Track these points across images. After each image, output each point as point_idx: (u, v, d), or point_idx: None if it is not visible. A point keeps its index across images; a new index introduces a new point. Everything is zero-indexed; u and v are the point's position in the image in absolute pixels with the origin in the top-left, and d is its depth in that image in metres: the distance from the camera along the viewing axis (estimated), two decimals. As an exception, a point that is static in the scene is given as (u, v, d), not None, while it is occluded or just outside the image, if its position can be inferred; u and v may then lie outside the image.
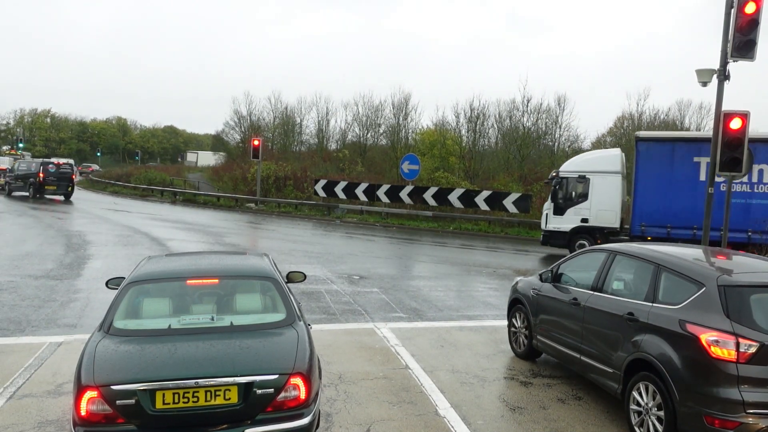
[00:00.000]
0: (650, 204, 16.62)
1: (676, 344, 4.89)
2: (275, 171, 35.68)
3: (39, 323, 8.13)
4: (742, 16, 10.41)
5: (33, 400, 5.53)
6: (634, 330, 5.33)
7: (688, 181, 16.12)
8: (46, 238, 16.37)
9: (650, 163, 16.65)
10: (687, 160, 16.26)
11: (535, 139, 41.28)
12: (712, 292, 4.84)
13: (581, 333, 6.13)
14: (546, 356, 7.14)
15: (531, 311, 7.20)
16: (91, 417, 3.83)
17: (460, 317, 9.33)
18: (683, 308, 4.99)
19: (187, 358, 4.13)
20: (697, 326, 4.75)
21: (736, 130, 10.60)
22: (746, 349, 4.52)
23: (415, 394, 5.98)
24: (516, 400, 5.97)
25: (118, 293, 4.87)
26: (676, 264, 5.37)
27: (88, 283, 10.76)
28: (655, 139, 17.47)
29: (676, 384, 4.78)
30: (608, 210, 17.53)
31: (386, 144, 46.31)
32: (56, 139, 75.30)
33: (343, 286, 11.45)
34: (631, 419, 5.28)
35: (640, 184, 16.75)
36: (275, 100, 53.05)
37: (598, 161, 18.39)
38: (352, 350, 7.37)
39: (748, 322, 4.62)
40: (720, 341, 4.59)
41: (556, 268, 6.98)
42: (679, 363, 4.81)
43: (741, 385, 4.50)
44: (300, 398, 4.11)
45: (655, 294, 5.37)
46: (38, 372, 6.24)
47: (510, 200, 24.45)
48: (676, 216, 16.23)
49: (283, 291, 5.04)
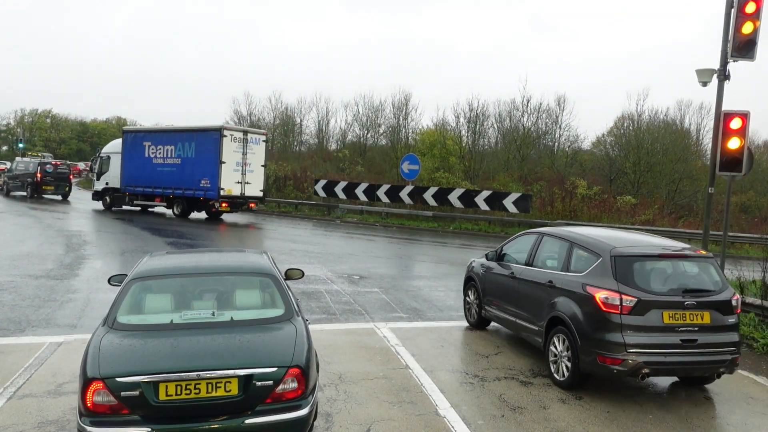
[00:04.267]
0: (128, 171, 26.00)
1: (579, 303, 6.27)
2: (275, 171, 35.66)
3: (39, 323, 8.12)
4: (742, 16, 10.40)
5: (33, 400, 5.52)
6: (552, 294, 6.70)
7: (141, 157, 25.38)
8: (46, 238, 16.37)
9: (127, 146, 26.15)
10: (140, 144, 25.51)
11: (535, 139, 41.29)
12: (607, 261, 6.20)
13: (516, 300, 7.50)
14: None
15: (480, 286, 8.54)
16: (96, 408, 3.95)
17: (461, 317, 9.32)
18: (586, 275, 6.36)
19: (189, 352, 4.26)
20: (594, 287, 6.13)
21: (736, 130, 10.60)
22: (628, 304, 5.90)
23: (415, 394, 5.98)
24: (516, 399, 5.97)
25: (121, 289, 4.97)
26: (584, 241, 6.75)
27: (88, 283, 10.76)
28: (129, 131, 27.49)
29: (579, 333, 6.16)
30: (117, 176, 26.66)
31: (386, 144, 46.31)
32: (56, 139, 75.29)
33: (343, 285, 11.45)
34: (550, 366, 6.61)
35: (125, 160, 26.16)
36: (275, 100, 53.17)
37: (114, 146, 27.78)
38: (353, 350, 7.37)
39: (630, 283, 6.00)
40: (609, 298, 5.97)
41: (500, 249, 8.32)
42: (581, 317, 6.20)
43: (623, 331, 5.89)
44: (298, 390, 4.24)
45: (568, 265, 6.74)
46: (38, 372, 6.24)
47: (510, 200, 24.44)
48: (138, 178, 25.53)
49: (281, 287, 5.17)
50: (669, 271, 6.38)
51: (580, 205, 27.51)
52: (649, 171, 36.79)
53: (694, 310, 5.98)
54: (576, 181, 30.25)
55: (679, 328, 5.93)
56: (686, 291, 6.09)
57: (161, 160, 24.88)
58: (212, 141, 23.38)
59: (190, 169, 24.00)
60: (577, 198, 28.08)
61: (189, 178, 23.96)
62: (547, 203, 28.04)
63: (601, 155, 42.91)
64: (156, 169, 25.03)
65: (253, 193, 24.64)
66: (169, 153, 24.69)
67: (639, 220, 26.28)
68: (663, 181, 36.94)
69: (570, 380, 6.30)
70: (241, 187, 23.97)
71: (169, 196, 24.90)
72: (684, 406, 6.09)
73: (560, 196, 28.22)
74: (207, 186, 23.49)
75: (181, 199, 24.62)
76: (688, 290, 6.11)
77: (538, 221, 25.64)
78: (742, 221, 27.86)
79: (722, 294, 6.19)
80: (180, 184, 24.30)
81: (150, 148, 25.20)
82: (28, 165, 33.48)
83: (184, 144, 24.24)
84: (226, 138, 23.25)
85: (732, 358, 6.09)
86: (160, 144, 25.01)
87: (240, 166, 23.84)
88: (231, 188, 23.54)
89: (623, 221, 25.94)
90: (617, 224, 25.00)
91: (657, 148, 37.47)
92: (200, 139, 23.89)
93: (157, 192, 25.01)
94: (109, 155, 27.58)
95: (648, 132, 39.29)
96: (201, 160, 23.75)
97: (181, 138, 24.47)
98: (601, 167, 40.46)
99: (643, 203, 29.94)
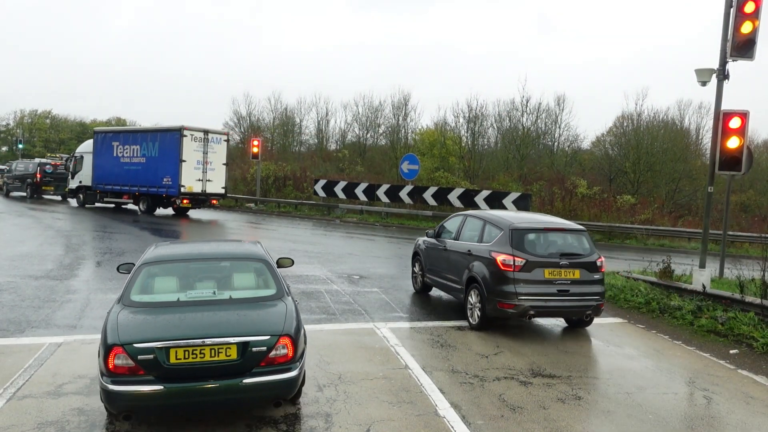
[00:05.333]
0: (98, 170, 27.19)
1: (487, 265, 8.38)
2: (275, 171, 35.67)
3: (39, 324, 8.12)
4: (741, 15, 10.41)
5: (33, 401, 5.52)
6: (470, 260, 8.82)
7: (110, 156, 26.50)
8: (46, 239, 16.37)
9: (97, 146, 27.22)
10: (109, 144, 26.62)
11: (535, 138, 41.24)
12: (506, 233, 8.33)
13: (447, 267, 9.63)
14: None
15: (423, 259, 10.67)
16: (117, 369, 4.57)
17: (460, 317, 9.32)
18: (492, 244, 8.47)
19: (195, 323, 4.89)
20: (497, 253, 8.23)
21: (736, 129, 10.61)
22: (518, 264, 8.01)
23: (414, 394, 5.98)
24: (516, 399, 5.97)
25: (133, 273, 5.63)
26: (493, 219, 8.86)
27: (88, 284, 10.75)
28: (100, 131, 28.02)
29: (486, 287, 8.27)
30: (89, 175, 27.83)
31: (386, 144, 46.27)
32: (56, 140, 75.19)
33: (343, 285, 11.45)
34: (467, 313, 8.79)
35: (96, 159, 27.31)
36: (275, 101, 53.12)
37: (87, 146, 28.60)
38: (352, 350, 7.38)
39: (521, 249, 8.13)
40: (506, 260, 8.08)
41: (438, 227, 10.37)
42: (488, 275, 8.30)
43: (515, 284, 8.00)
44: (288, 355, 4.87)
45: (481, 238, 8.87)
46: (38, 372, 6.24)
47: (510, 199, 24.39)
48: (108, 177, 26.67)
49: (273, 271, 5.86)
50: (551, 240, 8.51)
51: (579, 205, 27.51)
52: (649, 170, 36.79)
53: (567, 269, 8.14)
54: (576, 181, 30.23)
55: (556, 282, 8.08)
56: (562, 254, 8.24)
57: (128, 159, 26.10)
58: (173, 140, 24.42)
59: (153, 168, 25.10)
60: (577, 197, 28.07)
61: (153, 176, 25.05)
62: (546, 203, 28.02)
63: (600, 155, 42.91)
64: (123, 168, 26.24)
65: (214, 191, 25.69)
66: (135, 152, 25.87)
67: (639, 219, 26.27)
68: (663, 181, 36.93)
69: (480, 323, 8.46)
70: (203, 184, 25.08)
71: (135, 194, 26.05)
72: (683, 405, 6.09)
73: (560, 196, 28.21)
74: (169, 183, 24.57)
75: (146, 196, 25.65)
76: (564, 254, 8.26)
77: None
78: (741, 220, 27.87)
79: (590, 257, 8.33)
80: (145, 182, 25.39)
81: (118, 147, 26.40)
82: (27, 165, 33.50)
83: (149, 144, 25.40)
84: (186, 138, 24.29)
85: (596, 304, 8.27)
86: (127, 144, 26.18)
87: (201, 164, 24.96)
88: (192, 185, 24.64)
89: (623, 220, 25.94)
90: (617, 223, 25.03)
91: (656, 148, 37.46)
92: (163, 139, 25.00)
93: (125, 189, 26.29)
94: (82, 155, 28.81)
95: (647, 131, 39.27)
96: (163, 158, 24.81)
97: (146, 138, 25.67)
98: (601, 167, 40.46)
99: (642, 203, 29.93)
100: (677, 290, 10.63)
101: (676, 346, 8.34)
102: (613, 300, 10.92)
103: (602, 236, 24.09)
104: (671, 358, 7.70)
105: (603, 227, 24.43)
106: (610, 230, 24.31)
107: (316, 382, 6.20)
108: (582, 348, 8.03)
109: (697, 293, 10.09)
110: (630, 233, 24.12)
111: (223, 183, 26.10)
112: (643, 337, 8.74)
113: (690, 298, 10.07)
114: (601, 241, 23.48)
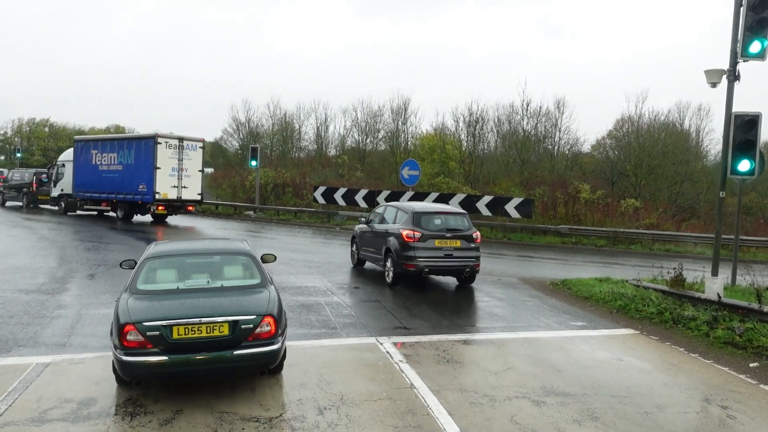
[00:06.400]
0: (78, 177, 27.60)
1: (397, 239, 11.80)
2: (274, 178, 35.38)
3: (26, 342, 7.75)
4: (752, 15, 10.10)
5: (14, 428, 5.17)
6: (387, 236, 12.27)
7: (89, 164, 27.01)
8: (39, 251, 16.02)
9: (77, 154, 27.61)
10: (89, 152, 27.10)
11: (535, 142, 40.89)
12: (410, 216, 11.87)
13: (374, 244, 13.10)
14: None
15: (358, 240, 14.38)
16: (129, 344, 5.46)
17: (466, 330, 8.98)
18: (402, 224, 11.96)
19: (193, 306, 5.80)
20: (404, 229, 11.68)
21: (748, 132, 10.27)
22: (417, 236, 11.46)
23: (421, 417, 5.62)
24: (529, 422, 5.60)
25: (138, 266, 6.59)
26: (404, 207, 12.49)
27: (80, 299, 10.39)
28: (80, 140, 28.31)
29: (395, 254, 11.75)
30: (70, 183, 28.30)
31: (385, 149, 45.93)
32: (54, 148, 74.79)
33: (343, 297, 11.09)
34: (385, 275, 12.33)
35: (76, 167, 27.73)
36: (274, 107, 52.83)
37: (69, 154, 28.99)
38: (354, 368, 7.02)
39: (420, 226, 11.63)
40: (409, 234, 11.51)
41: (370, 216, 13.97)
42: (398, 246, 11.73)
43: (415, 251, 11.44)
44: (271, 332, 5.81)
45: (396, 220, 12.36)
46: (22, 397, 5.89)
47: (512, 205, 23.96)
48: (87, 185, 27.15)
49: (258, 264, 6.87)
50: (442, 220, 11.92)
51: (583, 210, 27.14)
52: (651, 173, 36.47)
53: (452, 239, 11.64)
54: (579, 186, 29.86)
55: (443, 249, 11.56)
56: (449, 230, 11.75)
57: (106, 167, 26.59)
58: (148, 148, 24.87)
59: (130, 175, 25.58)
60: (580, 202, 27.70)
61: (129, 183, 25.56)
62: (549, 207, 27.66)
63: (601, 158, 42.58)
64: (102, 176, 26.66)
65: (190, 197, 25.96)
66: (112, 160, 26.37)
67: (643, 224, 25.88)
68: (665, 184, 36.60)
69: (393, 281, 11.99)
70: (178, 191, 25.35)
71: (113, 201, 26.54)
72: (706, 426, 5.73)
73: (563, 201, 27.84)
74: (144, 190, 24.98)
75: (123, 203, 26.17)
76: (450, 229, 11.77)
77: (540, 226, 25.28)
78: (745, 223, 27.47)
79: (468, 231, 11.84)
80: (122, 189, 25.88)
81: (97, 155, 26.88)
82: (23, 175, 33.20)
83: (125, 151, 25.92)
84: (160, 145, 24.68)
85: (473, 264, 11.78)
86: (105, 152, 26.59)
87: (176, 171, 25.28)
88: (167, 192, 24.93)
89: (627, 225, 25.55)
90: (621, 228, 24.63)
91: (657, 150, 37.14)
92: (138, 146, 25.45)
93: (103, 197, 26.77)
94: (64, 163, 29.32)
95: (648, 134, 38.97)
96: (139, 166, 25.25)
97: (122, 146, 26.14)
98: (602, 170, 40.13)
99: (646, 207, 29.57)
100: (690, 299, 10.27)
101: (692, 359, 7.97)
102: (624, 310, 10.56)
103: (607, 242, 23.65)
104: (689, 373, 7.33)
105: (607, 233, 23.99)
106: (614, 236, 23.84)
107: (317, 404, 5.85)
108: (594, 362, 7.65)
109: (711, 302, 9.73)
110: (635, 238, 23.71)
111: (199, 189, 26.41)
112: (658, 350, 8.37)
113: (704, 307, 9.71)
114: (606, 246, 23.08)
